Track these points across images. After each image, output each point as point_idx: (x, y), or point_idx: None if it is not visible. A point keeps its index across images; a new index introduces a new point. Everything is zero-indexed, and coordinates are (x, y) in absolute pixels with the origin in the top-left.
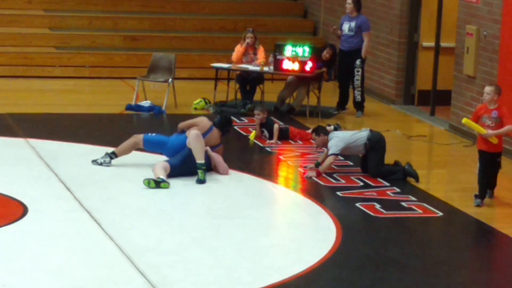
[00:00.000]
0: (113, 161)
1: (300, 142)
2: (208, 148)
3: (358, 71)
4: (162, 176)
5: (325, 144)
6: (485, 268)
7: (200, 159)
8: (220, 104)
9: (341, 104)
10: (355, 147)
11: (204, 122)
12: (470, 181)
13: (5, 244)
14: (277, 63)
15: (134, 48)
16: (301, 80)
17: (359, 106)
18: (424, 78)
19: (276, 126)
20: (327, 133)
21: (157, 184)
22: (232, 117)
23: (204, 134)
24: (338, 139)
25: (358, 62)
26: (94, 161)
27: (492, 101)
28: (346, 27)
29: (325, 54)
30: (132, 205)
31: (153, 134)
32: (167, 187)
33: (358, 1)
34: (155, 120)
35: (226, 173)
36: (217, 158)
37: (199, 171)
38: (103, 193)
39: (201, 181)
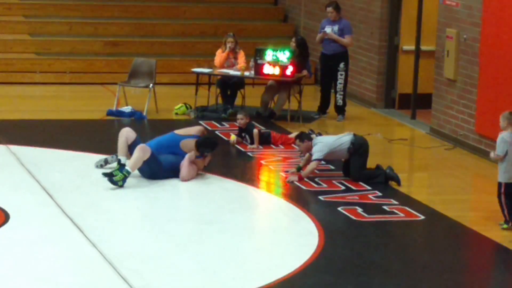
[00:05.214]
0: (96, 169)
1: (282, 147)
2: (189, 154)
3: (341, 75)
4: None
5: (309, 150)
6: (467, 270)
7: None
8: (201, 109)
9: (322, 108)
10: (339, 152)
11: (194, 128)
12: (452, 184)
13: None
14: (258, 68)
15: (114, 54)
16: (282, 84)
17: (340, 110)
18: (405, 81)
19: (255, 131)
20: (311, 139)
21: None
22: (214, 122)
23: (185, 137)
24: (322, 145)
25: (341, 65)
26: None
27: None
28: (328, 30)
29: (292, 43)
30: (114, 211)
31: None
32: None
33: (338, 6)
34: (136, 125)
35: (182, 179)
36: (183, 162)
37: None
38: (85, 199)
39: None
